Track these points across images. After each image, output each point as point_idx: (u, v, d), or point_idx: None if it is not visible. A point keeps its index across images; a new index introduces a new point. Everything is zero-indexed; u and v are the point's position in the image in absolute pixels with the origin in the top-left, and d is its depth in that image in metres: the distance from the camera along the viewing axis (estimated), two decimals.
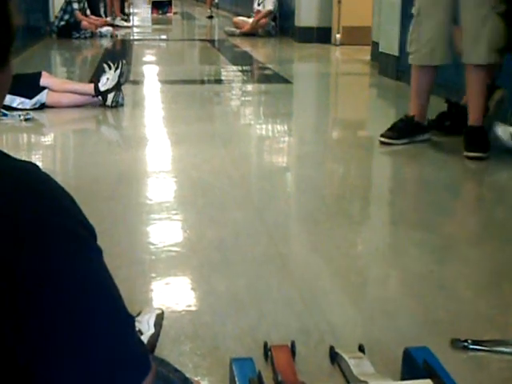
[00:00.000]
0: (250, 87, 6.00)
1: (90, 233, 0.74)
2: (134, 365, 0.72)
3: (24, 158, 0.75)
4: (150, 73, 6.81)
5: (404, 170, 3.27)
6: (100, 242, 0.74)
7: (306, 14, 8.66)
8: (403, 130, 3.48)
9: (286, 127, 4.46)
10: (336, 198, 2.88)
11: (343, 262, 2.14)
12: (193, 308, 1.81)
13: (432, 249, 2.26)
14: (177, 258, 2.12)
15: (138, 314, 1.54)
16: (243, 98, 5.46)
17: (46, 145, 3.84)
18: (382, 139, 3.47)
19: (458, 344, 1.57)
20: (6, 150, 0.74)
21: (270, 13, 9.53)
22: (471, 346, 1.56)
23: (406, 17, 5.61)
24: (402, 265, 2.19)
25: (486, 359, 1.55)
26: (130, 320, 0.75)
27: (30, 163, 0.73)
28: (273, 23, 9.66)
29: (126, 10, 13.31)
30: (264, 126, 4.41)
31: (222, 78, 6.55)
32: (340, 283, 2.00)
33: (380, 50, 6.16)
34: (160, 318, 1.53)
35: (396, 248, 2.36)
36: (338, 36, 8.34)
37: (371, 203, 2.91)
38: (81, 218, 0.74)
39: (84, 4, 9.36)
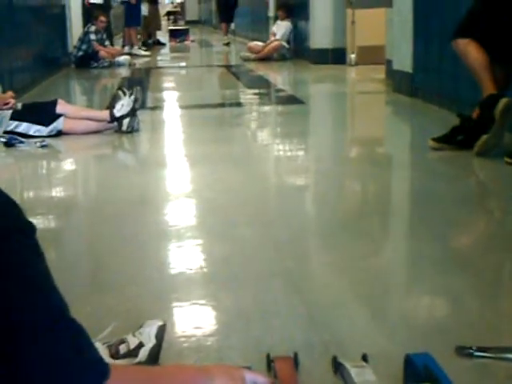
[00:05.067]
0: (266, 109, 6.04)
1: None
2: None
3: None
4: (168, 98, 6.88)
5: (418, 186, 3.26)
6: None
7: (321, 36, 8.71)
8: None
9: (302, 146, 4.48)
10: (342, 213, 2.88)
11: (349, 275, 2.13)
12: (198, 321, 1.81)
13: (440, 260, 2.25)
14: (185, 275, 2.13)
15: (140, 327, 1.55)
16: (259, 120, 5.49)
17: (62, 170, 3.88)
18: None
19: (462, 351, 1.55)
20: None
21: (279, 44, 9.66)
22: (476, 353, 1.54)
23: (418, 34, 5.63)
24: (404, 274, 2.18)
25: (491, 366, 1.53)
26: None
27: None
28: (287, 46, 9.74)
29: (151, 39, 13.54)
30: (281, 147, 4.42)
31: (239, 101, 6.59)
32: (346, 296, 1.99)
33: (394, 67, 6.17)
34: (162, 329, 1.54)
35: (401, 259, 2.36)
36: (352, 56, 8.37)
37: (380, 218, 2.90)
38: None
39: (102, 35, 9.52)
